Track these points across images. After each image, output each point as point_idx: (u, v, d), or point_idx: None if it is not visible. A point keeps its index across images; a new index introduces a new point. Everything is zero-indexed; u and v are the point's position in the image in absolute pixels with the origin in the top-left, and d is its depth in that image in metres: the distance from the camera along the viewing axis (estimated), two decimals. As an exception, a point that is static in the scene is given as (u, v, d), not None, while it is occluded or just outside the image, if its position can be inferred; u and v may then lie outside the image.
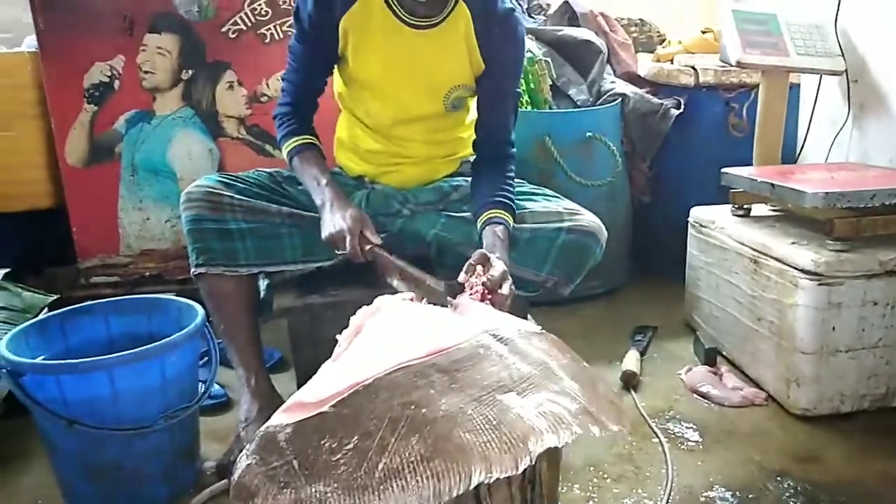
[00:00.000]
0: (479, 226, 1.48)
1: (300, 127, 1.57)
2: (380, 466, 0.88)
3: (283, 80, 1.62)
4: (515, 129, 1.62)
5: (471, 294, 1.22)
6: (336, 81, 1.65)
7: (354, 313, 1.18)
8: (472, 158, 1.70)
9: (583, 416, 0.98)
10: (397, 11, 1.46)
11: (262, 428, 0.96)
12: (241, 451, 1.46)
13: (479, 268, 1.25)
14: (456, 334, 1.06)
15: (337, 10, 1.45)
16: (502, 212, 1.48)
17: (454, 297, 1.22)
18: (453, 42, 1.49)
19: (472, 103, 1.66)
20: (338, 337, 1.13)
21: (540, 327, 1.15)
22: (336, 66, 1.59)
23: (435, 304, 1.22)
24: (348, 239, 1.39)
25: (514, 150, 1.62)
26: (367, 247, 1.41)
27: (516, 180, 1.67)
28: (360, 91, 1.58)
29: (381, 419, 0.93)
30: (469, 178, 1.63)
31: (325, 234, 1.42)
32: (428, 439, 0.90)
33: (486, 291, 1.22)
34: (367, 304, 1.19)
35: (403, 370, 0.99)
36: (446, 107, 1.56)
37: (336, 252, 1.44)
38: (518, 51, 1.57)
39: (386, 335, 1.10)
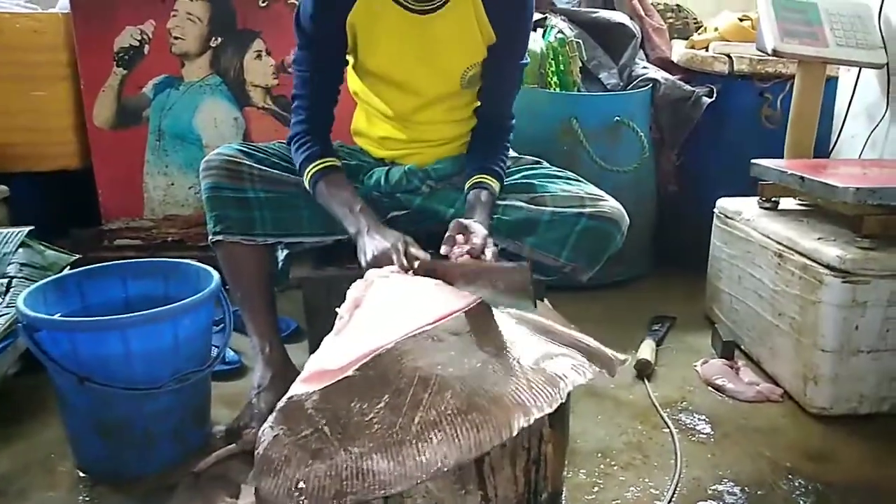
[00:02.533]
0: (465, 190, 1.49)
1: (321, 149, 1.49)
2: (416, 420, 0.89)
3: (293, 98, 1.54)
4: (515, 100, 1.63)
5: None
6: (351, 80, 1.62)
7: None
8: None
9: (593, 361, 1.04)
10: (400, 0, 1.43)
11: (285, 398, 0.95)
12: (251, 417, 1.49)
13: (460, 237, 1.26)
14: (456, 301, 1.08)
15: (341, 8, 1.43)
16: (488, 177, 1.49)
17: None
18: (463, 21, 1.46)
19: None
20: (337, 310, 1.13)
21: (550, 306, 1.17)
22: (350, 65, 1.57)
23: (520, 300, 1.19)
24: (395, 256, 1.27)
25: (514, 121, 1.63)
26: (416, 263, 1.27)
27: (543, 164, 1.68)
28: (377, 84, 1.55)
29: (410, 378, 0.93)
30: None
31: (367, 258, 1.31)
32: (461, 394, 0.91)
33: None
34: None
35: (419, 335, 1.00)
36: (463, 85, 1.54)
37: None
38: (526, 23, 1.54)
39: (388, 305, 1.11)
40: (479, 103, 1.62)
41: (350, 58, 1.55)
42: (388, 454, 0.86)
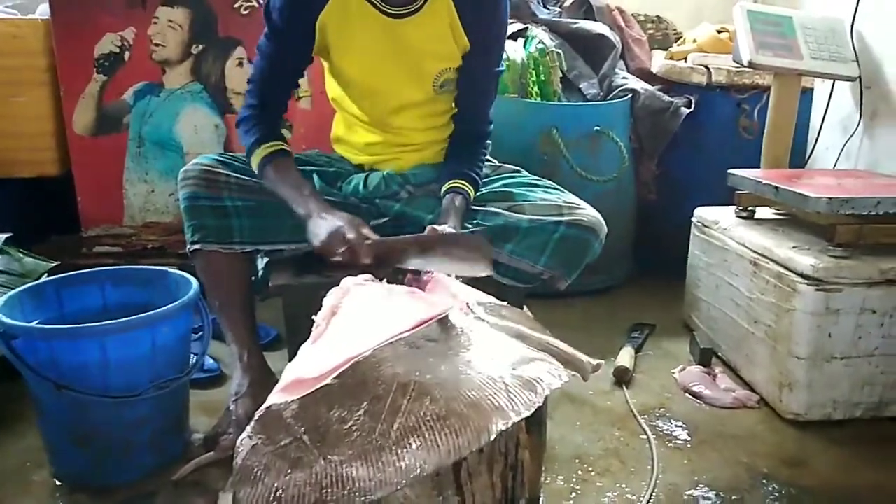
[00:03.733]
0: (441, 195, 1.51)
1: (269, 132, 1.49)
2: (395, 426, 0.89)
3: (249, 81, 1.53)
4: (493, 107, 1.64)
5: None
6: (330, 87, 1.64)
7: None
8: None
9: (567, 365, 1.05)
10: (375, 2, 1.44)
11: (263, 407, 0.94)
12: (229, 424, 1.49)
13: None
14: (431, 307, 1.09)
15: (313, 7, 1.43)
16: (463, 182, 1.51)
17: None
18: (437, 26, 1.48)
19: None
20: (314, 318, 1.13)
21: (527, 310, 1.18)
22: (327, 69, 1.58)
23: (476, 265, 1.26)
24: (348, 233, 1.28)
25: (491, 127, 1.65)
26: (368, 242, 1.29)
27: (522, 172, 1.69)
28: (352, 88, 1.57)
29: (388, 385, 0.94)
30: None
31: (319, 240, 1.31)
32: (440, 400, 0.92)
33: None
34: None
35: (397, 342, 1.01)
36: (436, 90, 1.55)
37: (332, 260, 1.30)
38: (501, 29, 1.56)
39: (365, 313, 1.11)
40: (456, 110, 1.63)
41: (325, 63, 1.56)
42: (368, 461, 0.86)
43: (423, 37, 1.48)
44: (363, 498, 0.85)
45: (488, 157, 1.74)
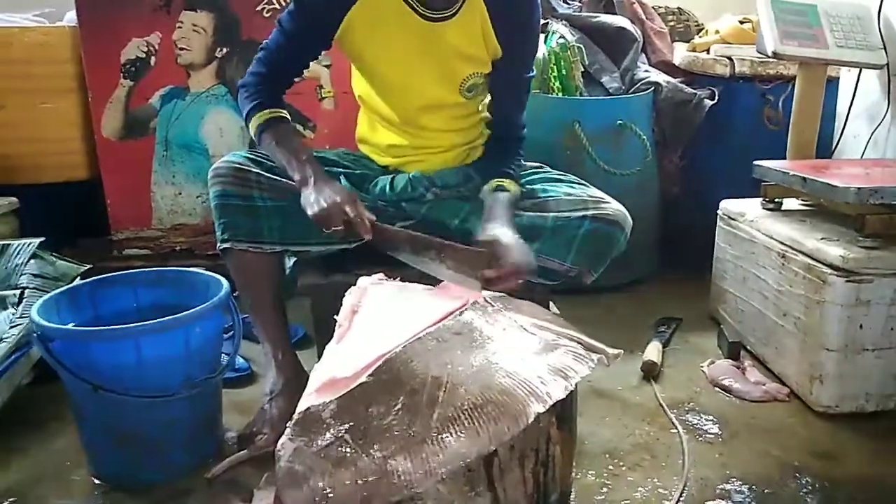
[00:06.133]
0: (483, 196, 1.51)
1: (271, 99, 1.49)
2: (434, 416, 0.91)
3: (260, 49, 1.52)
4: (526, 110, 1.65)
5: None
6: (357, 83, 1.64)
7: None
8: None
9: (591, 352, 1.08)
10: (412, 3, 1.45)
11: (301, 409, 0.96)
12: (263, 423, 1.51)
13: (490, 271, 1.24)
14: (452, 301, 1.11)
15: (346, 2, 1.43)
16: (503, 180, 1.52)
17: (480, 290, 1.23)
18: (469, 31, 1.48)
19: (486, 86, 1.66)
20: (335, 318, 1.15)
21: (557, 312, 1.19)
22: (355, 67, 1.59)
23: (466, 281, 1.24)
24: (348, 209, 1.29)
25: (525, 130, 1.66)
26: (367, 221, 1.31)
27: (545, 168, 1.70)
28: (378, 83, 1.57)
29: (423, 378, 0.96)
30: None
31: (313, 209, 1.32)
32: (474, 389, 0.94)
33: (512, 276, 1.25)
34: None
35: (424, 337, 1.03)
36: (463, 94, 1.56)
37: (324, 231, 1.32)
38: (534, 36, 1.57)
39: (387, 311, 1.13)
40: (483, 114, 1.64)
41: (351, 59, 1.57)
42: (411, 453, 0.88)
43: (455, 40, 1.48)
44: (409, 490, 0.87)
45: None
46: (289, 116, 1.50)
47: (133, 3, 2.22)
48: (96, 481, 1.46)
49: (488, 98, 1.64)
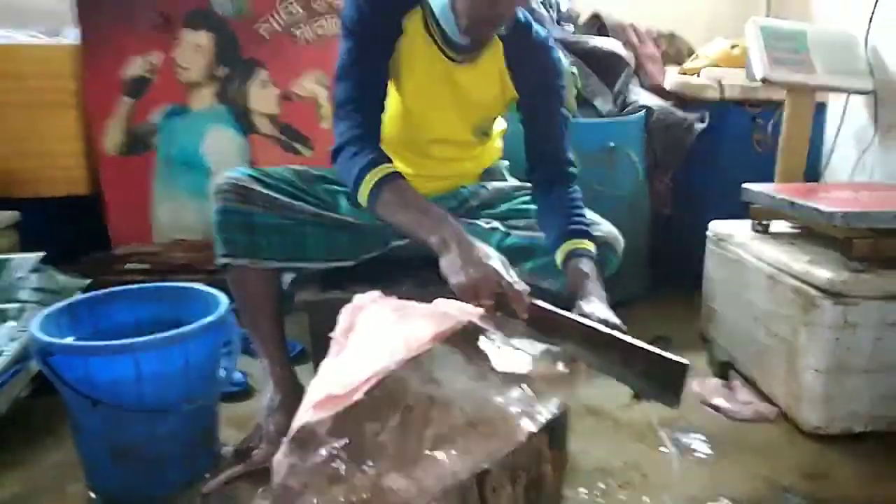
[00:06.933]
0: (559, 260, 1.41)
1: (379, 155, 1.35)
2: (427, 434, 0.92)
3: (338, 106, 1.42)
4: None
5: None
6: None
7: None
8: (495, 166, 1.75)
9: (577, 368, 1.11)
10: (439, 43, 1.48)
11: (296, 426, 0.97)
12: (260, 438, 1.52)
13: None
14: (445, 321, 1.12)
15: (394, 33, 1.44)
16: (581, 241, 1.40)
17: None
18: (487, 75, 1.52)
19: (497, 122, 1.70)
20: (331, 335, 1.16)
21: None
22: None
23: (663, 393, 1.10)
24: (502, 279, 1.14)
25: (575, 169, 1.58)
26: (526, 299, 1.15)
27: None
28: (396, 109, 1.57)
29: (416, 397, 0.97)
30: (488, 184, 1.68)
31: (459, 279, 1.15)
32: (468, 408, 0.95)
33: None
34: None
35: (419, 356, 1.05)
36: (474, 134, 1.61)
37: (471, 303, 1.16)
38: (557, 75, 1.57)
39: (381, 329, 1.14)
40: (488, 147, 1.70)
41: None
42: (405, 471, 0.89)
43: (473, 85, 1.52)
44: None
45: (507, 176, 1.77)
46: (398, 169, 1.36)
47: (134, 22, 2.26)
48: (93, 495, 1.47)
49: (499, 127, 1.69)
